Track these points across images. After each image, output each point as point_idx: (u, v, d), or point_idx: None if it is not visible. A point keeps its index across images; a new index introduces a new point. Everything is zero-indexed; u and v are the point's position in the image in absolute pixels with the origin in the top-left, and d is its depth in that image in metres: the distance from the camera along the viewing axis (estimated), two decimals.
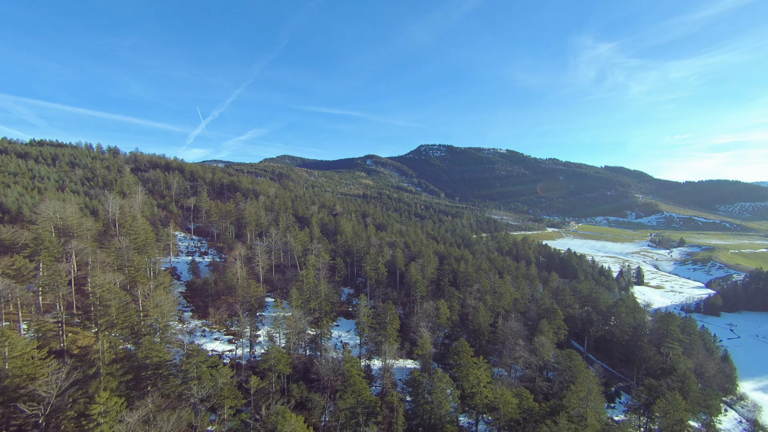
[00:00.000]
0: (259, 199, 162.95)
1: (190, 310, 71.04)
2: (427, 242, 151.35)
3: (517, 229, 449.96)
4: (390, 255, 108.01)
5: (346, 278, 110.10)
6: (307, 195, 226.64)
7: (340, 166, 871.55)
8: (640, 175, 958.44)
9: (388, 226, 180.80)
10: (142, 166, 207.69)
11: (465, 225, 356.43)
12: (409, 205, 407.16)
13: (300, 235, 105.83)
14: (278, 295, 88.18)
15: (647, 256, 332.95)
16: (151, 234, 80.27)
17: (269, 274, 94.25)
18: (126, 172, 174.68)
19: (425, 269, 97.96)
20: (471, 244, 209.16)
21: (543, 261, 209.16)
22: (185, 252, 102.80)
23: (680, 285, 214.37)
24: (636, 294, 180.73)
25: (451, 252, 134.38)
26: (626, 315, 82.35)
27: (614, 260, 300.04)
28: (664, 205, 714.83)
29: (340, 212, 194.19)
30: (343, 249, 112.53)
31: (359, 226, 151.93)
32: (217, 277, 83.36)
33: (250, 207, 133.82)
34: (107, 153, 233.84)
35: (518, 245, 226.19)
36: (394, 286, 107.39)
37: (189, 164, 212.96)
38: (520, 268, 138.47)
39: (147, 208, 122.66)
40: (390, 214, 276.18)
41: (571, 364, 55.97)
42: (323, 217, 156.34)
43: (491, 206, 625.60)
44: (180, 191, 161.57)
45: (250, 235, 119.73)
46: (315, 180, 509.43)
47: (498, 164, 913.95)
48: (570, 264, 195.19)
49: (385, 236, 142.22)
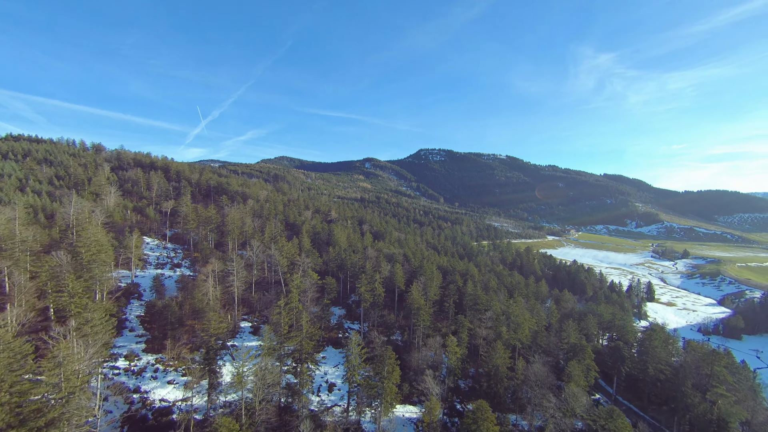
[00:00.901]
0: (247, 204, 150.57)
1: (144, 341, 58.57)
2: (429, 254, 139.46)
3: (517, 237, 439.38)
4: (388, 271, 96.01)
5: (338, 295, 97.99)
6: (301, 199, 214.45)
7: (339, 169, 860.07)
8: (639, 184, 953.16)
9: (386, 234, 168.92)
10: (125, 165, 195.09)
11: (465, 232, 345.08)
12: (408, 211, 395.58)
13: (287, 247, 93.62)
14: (257, 319, 75.87)
15: (652, 268, 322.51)
16: (107, 245, 67.89)
17: (248, 292, 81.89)
18: (104, 171, 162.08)
19: (428, 289, 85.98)
20: (473, 255, 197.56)
21: (549, 274, 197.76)
22: (154, 264, 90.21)
23: (692, 301, 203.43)
24: (648, 312, 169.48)
25: (455, 266, 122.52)
26: (661, 349, 70.67)
27: (619, 272, 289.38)
28: (664, 214, 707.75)
29: (336, 218, 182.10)
30: (336, 263, 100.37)
31: (355, 234, 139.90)
32: (183, 298, 70.97)
33: (235, 212, 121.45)
34: (90, 150, 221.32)
35: (522, 256, 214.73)
36: (392, 306, 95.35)
37: (176, 163, 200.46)
38: (529, 285, 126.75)
39: (118, 211, 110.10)
40: (388, 221, 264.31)
41: (614, 427, 44.12)
42: (316, 224, 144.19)
43: (490, 212, 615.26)
44: (161, 193, 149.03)
45: (232, 244, 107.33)
46: (312, 182, 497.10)
47: (498, 170, 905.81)
48: (578, 278, 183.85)
49: (383, 247, 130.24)
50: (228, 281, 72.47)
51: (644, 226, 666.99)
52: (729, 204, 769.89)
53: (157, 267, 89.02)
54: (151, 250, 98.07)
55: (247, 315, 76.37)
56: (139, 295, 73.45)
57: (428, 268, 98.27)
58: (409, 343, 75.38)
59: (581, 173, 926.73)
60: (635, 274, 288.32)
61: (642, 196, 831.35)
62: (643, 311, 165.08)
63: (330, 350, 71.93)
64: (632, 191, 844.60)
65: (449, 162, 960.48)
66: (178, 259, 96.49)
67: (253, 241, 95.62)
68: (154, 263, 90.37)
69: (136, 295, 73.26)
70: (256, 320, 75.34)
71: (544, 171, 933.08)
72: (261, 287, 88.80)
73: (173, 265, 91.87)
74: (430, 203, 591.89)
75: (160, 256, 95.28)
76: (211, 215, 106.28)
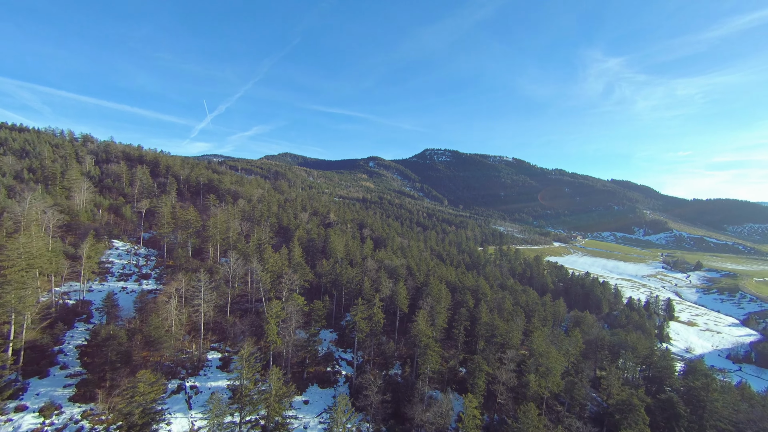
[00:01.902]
0: (237, 204, 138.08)
1: (75, 384, 46.06)
2: (434, 265, 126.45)
3: (523, 243, 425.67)
4: (389, 289, 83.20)
5: (331, 315, 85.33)
6: (299, 199, 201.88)
7: (342, 167, 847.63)
8: (647, 191, 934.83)
9: (388, 239, 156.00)
10: (112, 158, 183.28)
11: (470, 237, 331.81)
12: (411, 213, 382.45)
13: (273, 259, 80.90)
14: (229, 348, 63.22)
15: (665, 281, 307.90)
16: (45, 256, 55.47)
17: (222, 313, 69.23)
18: (85, 163, 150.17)
19: (435, 314, 73.16)
20: (480, 264, 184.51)
21: (560, 287, 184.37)
22: (118, 275, 77.78)
23: (713, 320, 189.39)
24: (671, 333, 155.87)
25: (464, 281, 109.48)
26: (721, 403, 57.44)
27: (631, 284, 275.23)
28: (673, 223, 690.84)
29: (334, 221, 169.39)
30: (330, 277, 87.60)
31: (354, 242, 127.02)
32: (138, 323, 58.47)
33: (221, 215, 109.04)
34: (80, 140, 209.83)
35: (532, 266, 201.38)
36: (392, 331, 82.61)
37: (167, 157, 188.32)
38: (546, 304, 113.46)
39: (85, 211, 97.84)
40: (390, 224, 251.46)
41: None
42: (312, 228, 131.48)
43: (495, 216, 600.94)
44: (144, 189, 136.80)
45: (213, 252, 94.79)
46: (313, 180, 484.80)
47: (504, 172, 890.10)
48: (593, 293, 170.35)
49: (384, 257, 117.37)
50: (197, 301, 59.84)
51: (652, 234, 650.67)
52: (738, 213, 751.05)
53: (121, 278, 76.59)
54: (119, 257, 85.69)
55: (218, 343, 63.73)
56: (88, 317, 60.96)
57: (435, 286, 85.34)
58: (410, 383, 62.54)
59: (588, 178, 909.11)
60: (648, 287, 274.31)
61: (650, 203, 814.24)
62: (665, 333, 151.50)
63: (315, 390, 59.17)
64: (640, 198, 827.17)
65: (455, 163, 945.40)
66: (149, 269, 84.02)
67: (235, 250, 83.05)
68: (117, 273, 77.93)
69: (84, 316, 60.79)
70: (228, 349, 62.69)
71: (551, 175, 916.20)
72: (240, 306, 76.15)
73: (140, 276, 79.38)
74: (434, 205, 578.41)
75: (128, 265, 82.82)
76: (190, 217, 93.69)
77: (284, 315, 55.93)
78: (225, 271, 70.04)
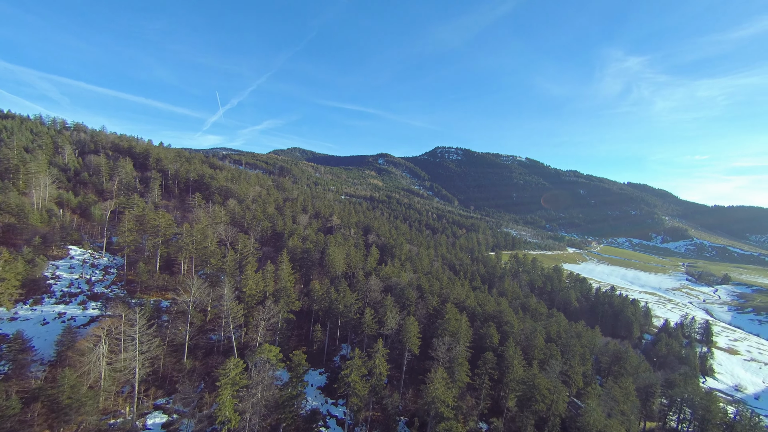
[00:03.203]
0: (227, 205, 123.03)
1: None
2: (447, 281, 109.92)
3: (536, 248, 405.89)
4: (397, 322, 67.08)
5: (323, 348, 69.68)
6: (301, 198, 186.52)
7: (351, 163, 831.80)
8: (665, 195, 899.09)
9: (396, 247, 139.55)
10: (100, 149, 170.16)
11: (481, 242, 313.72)
12: (420, 213, 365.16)
13: (252, 281, 65.24)
14: (179, 406, 47.79)
15: (691, 295, 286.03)
16: None
17: (176, 357, 53.79)
18: (65, 155, 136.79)
19: (454, 363, 56.78)
20: (496, 275, 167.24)
21: (585, 305, 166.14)
22: (60, 295, 62.82)
23: (757, 348, 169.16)
24: (714, 365, 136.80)
25: (485, 305, 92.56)
26: None
27: (656, 299, 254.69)
28: (693, 230, 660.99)
29: (337, 225, 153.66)
30: (323, 304, 71.75)
31: (358, 252, 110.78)
32: (48, 377, 43.39)
33: (204, 218, 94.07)
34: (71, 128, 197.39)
35: (552, 280, 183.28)
36: (398, 374, 66.55)
37: (158, 149, 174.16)
38: (581, 335, 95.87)
39: (40, 210, 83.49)
40: (398, 227, 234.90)
41: None
42: (310, 234, 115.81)
43: (506, 218, 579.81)
44: (124, 185, 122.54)
45: (187, 264, 79.57)
46: (320, 177, 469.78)
47: (516, 172, 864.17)
48: (623, 314, 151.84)
49: (391, 272, 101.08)
50: (133, 350, 44.32)
51: (671, 242, 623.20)
52: (762, 222, 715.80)
53: (63, 300, 61.64)
54: (71, 269, 70.96)
55: (166, 398, 48.36)
56: None
57: (452, 318, 68.95)
58: None
59: (604, 180, 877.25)
60: (674, 302, 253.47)
61: (668, 209, 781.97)
62: (708, 364, 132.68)
63: None
64: (658, 203, 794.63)
65: (466, 162, 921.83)
66: (104, 285, 69.06)
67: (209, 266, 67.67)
68: (59, 293, 63.04)
69: None
70: (179, 409, 47.27)
71: (565, 176, 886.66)
72: (206, 342, 60.56)
73: (89, 297, 64.36)
74: (444, 205, 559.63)
75: (78, 281, 67.94)
76: (159, 222, 78.45)
77: (246, 382, 40.02)
78: (183, 301, 54.37)
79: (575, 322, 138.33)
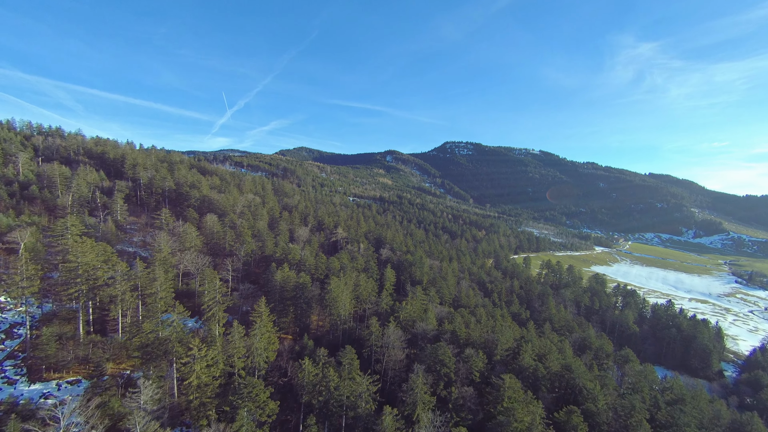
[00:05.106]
0: (204, 222, 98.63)
1: None
2: (485, 316, 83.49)
3: (561, 248, 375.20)
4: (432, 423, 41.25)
5: None
6: (301, 206, 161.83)
7: (358, 162, 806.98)
8: (690, 185, 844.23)
9: (415, 266, 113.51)
10: (72, 155, 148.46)
11: (503, 244, 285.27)
12: (435, 214, 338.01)
13: (201, 367, 40.26)
14: None
15: (748, 302, 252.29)
16: None
17: None
18: (18, 164, 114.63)
19: None
20: (534, 295, 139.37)
21: (645, 328, 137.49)
22: None
23: None
24: None
25: (547, 355, 66.03)
26: None
27: (711, 308, 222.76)
28: (727, 223, 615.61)
29: (343, 239, 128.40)
30: (318, 398, 46.36)
31: (368, 283, 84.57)
32: None
33: (165, 244, 69.96)
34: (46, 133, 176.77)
35: (598, 294, 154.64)
36: None
37: (135, 152, 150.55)
38: (687, 399, 68.34)
39: None
40: (413, 232, 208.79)
41: None
42: (307, 257, 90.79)
43: (525, 215, 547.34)
44: (85, 200, 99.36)
45: (128, 318, 55.10)
46: (326, 177, 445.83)
47: (531, 166, 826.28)
48: (697, 341, 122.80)
49: (415, 313, 75.14)
50: None
51: (704, 236, 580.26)
52: None
53: None
54: None
55: None
56: None
57: (518, 409, 42.87)
58: None
59: (625, 172, 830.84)
60: (733, 312, 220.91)
61: (696, 200, 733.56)
62: None
63: None
64: (684, 194, 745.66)
65: (477, 156, 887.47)
66: None
67: (141, 382, 42.83)
68: None
69: None
70: None
71: (583, 168, 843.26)
72: None
73: None
74: (458, 203, 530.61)
75: None
76: (86, 260, 53.90)
77: None
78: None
79: (636, 352, 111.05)
